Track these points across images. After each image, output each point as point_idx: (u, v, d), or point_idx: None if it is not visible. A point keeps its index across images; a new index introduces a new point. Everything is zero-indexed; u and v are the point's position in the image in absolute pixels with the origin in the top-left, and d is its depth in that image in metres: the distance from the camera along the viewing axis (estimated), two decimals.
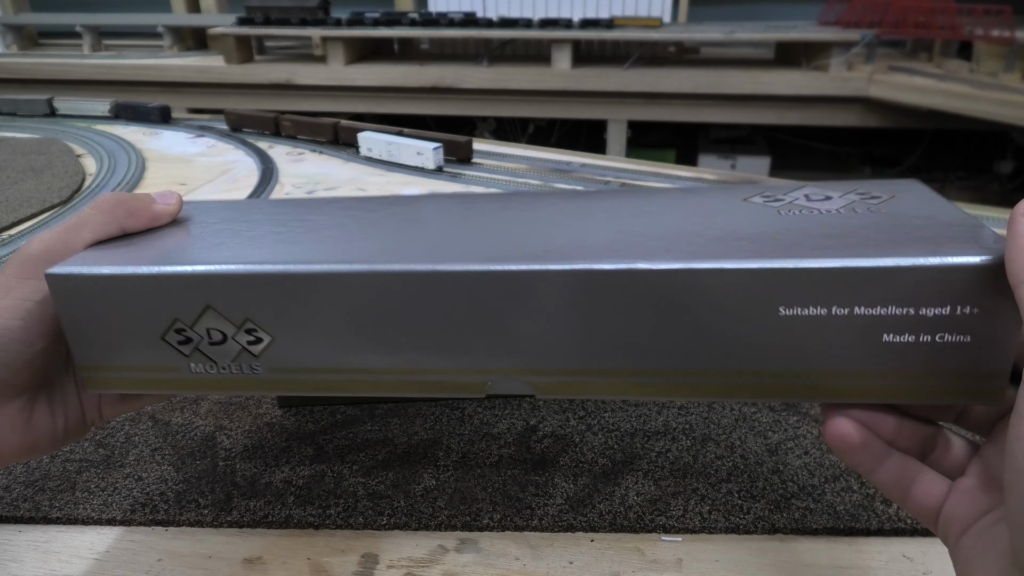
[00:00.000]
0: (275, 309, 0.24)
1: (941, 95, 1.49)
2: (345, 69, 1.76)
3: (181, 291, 0.25)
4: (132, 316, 0.25)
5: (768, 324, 0.22)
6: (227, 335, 0.25)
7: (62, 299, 0.25)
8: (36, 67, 1.91)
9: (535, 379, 0.25)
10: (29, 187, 0.81)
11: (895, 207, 0.25)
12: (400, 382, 0.26)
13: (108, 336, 0.26)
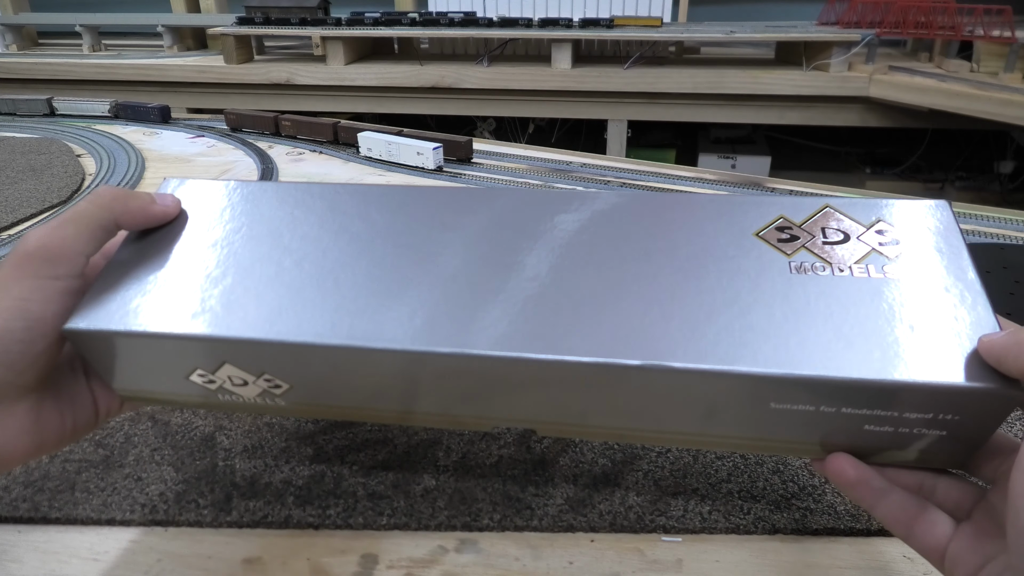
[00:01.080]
0: (289, 368, 0.26)
1: (941, 95, 1.49)
2: (345, 69, 1.76)
3: (197, 349, 0.26)
4: (155, 362, 0.27)
5: (759, 411, 0.24)
6: (248, 381, 0.27)
7: (82, 348, 0.27)
8: (36, 67, 1.90)
9: (538, 426, 0.27)
10: (29, 187, 0.81)
11: (906, 269, 0.25)
12: (404, 414, 0.28)
13: (136, 373, 0.27)
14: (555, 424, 0.27)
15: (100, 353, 0.27)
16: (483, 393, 0.26)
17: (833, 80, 1.61)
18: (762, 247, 0.26)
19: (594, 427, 0.27)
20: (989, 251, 0.57)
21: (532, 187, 0.83)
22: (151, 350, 0.26)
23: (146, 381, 0.28)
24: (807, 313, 0.24)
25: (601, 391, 0.25)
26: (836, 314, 0.24)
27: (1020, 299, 0.49)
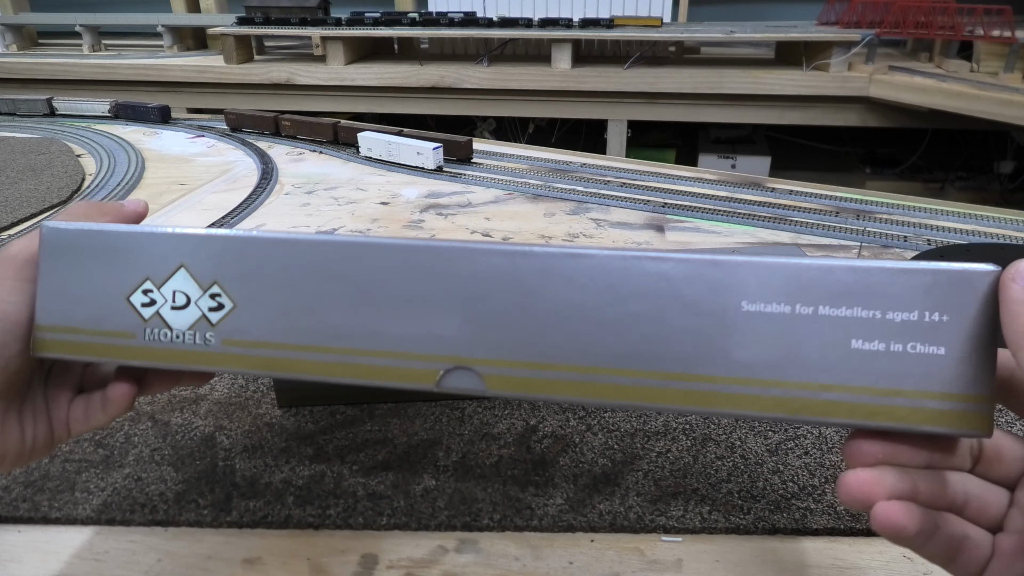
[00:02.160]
0: (243, 273, 0.26)
1: (941, 95, 1.49)
2: (345, 69, 1.76)
3: (161, 249, 0.26)
4: (107, 273, 0.26)
5: (730, 319, 0.22)
6: (191, 299, 0.26)
7: (50, 252, 0.26)
8: (36, 67, 1.90)
9: (487, 371, 0.24)
10: (29, 187, 0.80)
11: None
12: (349, 364, 0.25)
13: (77, 294, 0.27)
14: (505, 369, 0.24)
15: (61, 261, 0.26)
16: (430, 308, 0.24)
17: (833, 80, 1.61)
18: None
19: (545, 369, 0.23)
20: (989, 251, 0.57)
21: (532, 187, 0.83)
22: (114, 252, 0.26)
23: (82, 307, 0.26)
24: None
25: (559, 304, 0.23)
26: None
27: None
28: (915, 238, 0.68)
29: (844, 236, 0.68)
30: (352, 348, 0.25)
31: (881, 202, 0.78)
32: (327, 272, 0.25)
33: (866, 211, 0.75)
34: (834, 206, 0.76)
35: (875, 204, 0.77)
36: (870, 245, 0.66)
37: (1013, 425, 0.39)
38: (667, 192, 0.81)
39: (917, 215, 0.74)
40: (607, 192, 0.82)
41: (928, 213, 0.75)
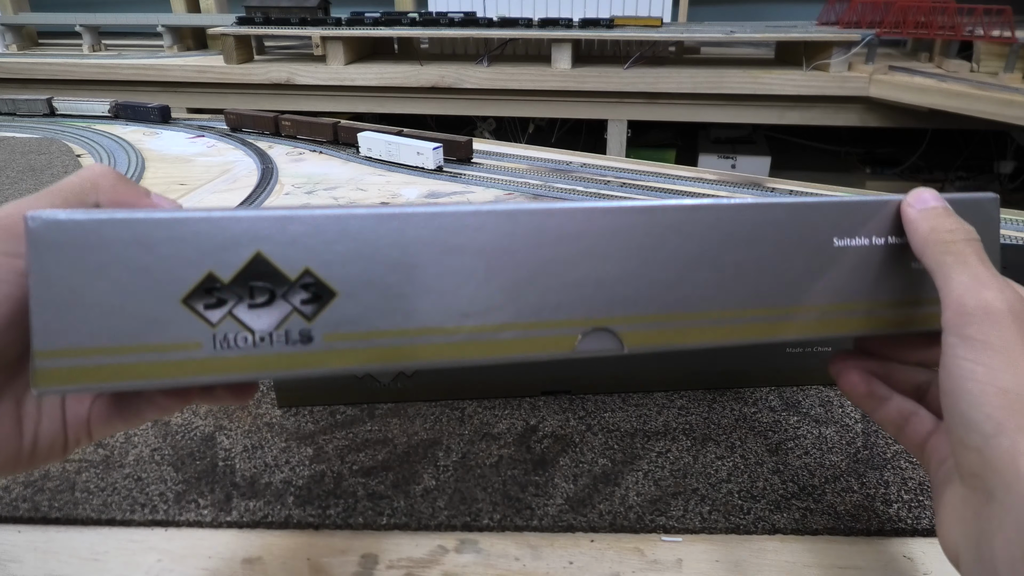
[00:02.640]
0: (346, 255, 0.21)
1: (941, 95, 1.49)
2: (345, 69, 1.76)
3: (227, 236, 0.20)
4: (146, 272, 0.20)
5: (824, 255, 0.25)
6: (276, 292, 0.21)
7: (42, 255, 0.19)
8: (36, 67, 1.90)
9: (623, 329, 0.24)
10: (29, 187, 0.81)
11: None
12: (480, 343, 0.23)
13: (99, 303, 0.20)
14: (641, 325, 0.24)
15: (61, 267, 0.20)
16: (559, 274, 0.23)
17: (833, 80, 1.61)
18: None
19: (677, 319, 0.24)
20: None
21: (531, 187, 0.83)
22: (151, 248, 0.20)
23: (101, 322, 0.20)
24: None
25: (680, 254, 0.24)
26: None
27: None
28: None
29: None
30: (481, 325, 0.22)
31: None
32: (447, 245, 0.22)
33: None
34: None
35: None
36: None
37: None
38: (667, 192, 0.81)
39: None
40: (607, 192, 0.82)
41: None
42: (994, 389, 0.20)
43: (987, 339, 0.21)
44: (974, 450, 0.21)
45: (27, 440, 0.23)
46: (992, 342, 0.21)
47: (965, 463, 0.22)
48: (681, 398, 0.41)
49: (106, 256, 0.20)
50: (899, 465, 0.36)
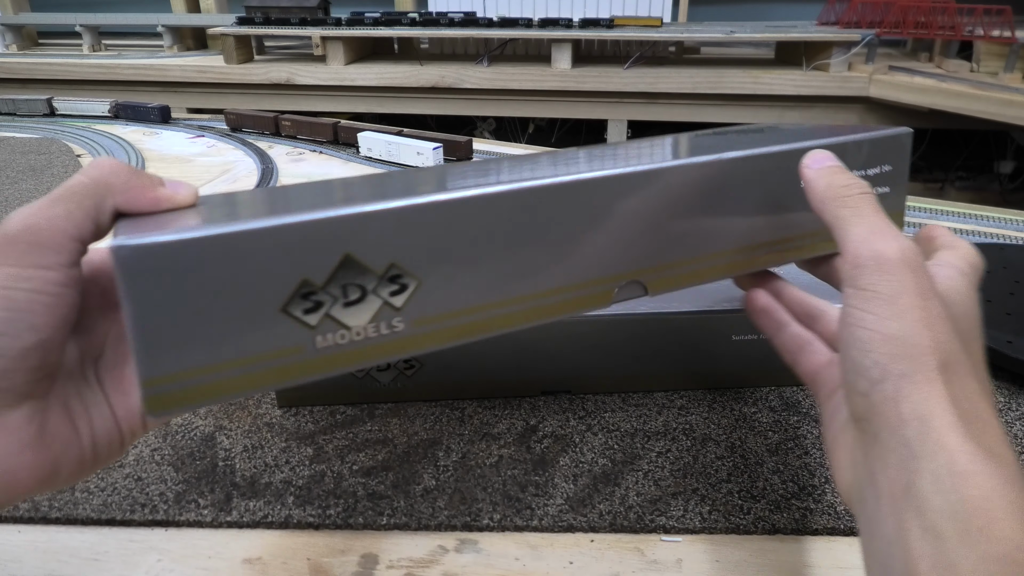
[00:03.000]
0: (423, 245, 0.22)
1: (941, 95, 1.49)
2: (345, 69, 1.76)
3: (316, 240, 0.21)
4: (243, 288, 0.20)
5: (789, 192, 0.29)
6: (366, 288, 0.22)
7: (134, 282, 0.19)
8: (36, 67, 1.91)
9: (649, 278, 0.27)
10: (29, 187, 0.81)
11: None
12: (536, 308, 0.25)
13: (199, 325, 0.20)
14: (664, 271, 0.28)
15: (158, 293, 0.20)
16: (607, 235, 0.26)
17: (833, 80, 1.61)
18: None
19: (690, 263, 0.28)
20: (989, 251, 0.57)
21: None
22: (245, 263, 0.20)
23: (214, 340, 0.20)
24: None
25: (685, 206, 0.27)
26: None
27: (1020, 299, 0.49)
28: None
29: None
30: (539, 291, 0.25)
31: None
32: (508, 223, 0.24)
33: None
34: None
35: None
36: None
37: (1013, 426, 0.39)
38: None
39: (917, 215, 0.74)
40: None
41: (928, 213, 0.75)
42: (880, 336, 0.21)
43: (878, 288, 0.22)
44: (862, 395, 0.22)
45: (86, 441, 0.23)
46: (882, 291, 0.22)
47: (855, 407, 0.22)
48: (681, 398, 0.41)
49: (200, 275, 0.20)
50: None
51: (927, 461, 0.20)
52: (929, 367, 0.21)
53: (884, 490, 0.21)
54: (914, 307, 0.21)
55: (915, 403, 0.20)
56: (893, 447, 0.21)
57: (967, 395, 0.21)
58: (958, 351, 0.22)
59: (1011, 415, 0.40)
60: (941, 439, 0.20)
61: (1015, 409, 0.41)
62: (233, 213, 0.23)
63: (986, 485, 0.19)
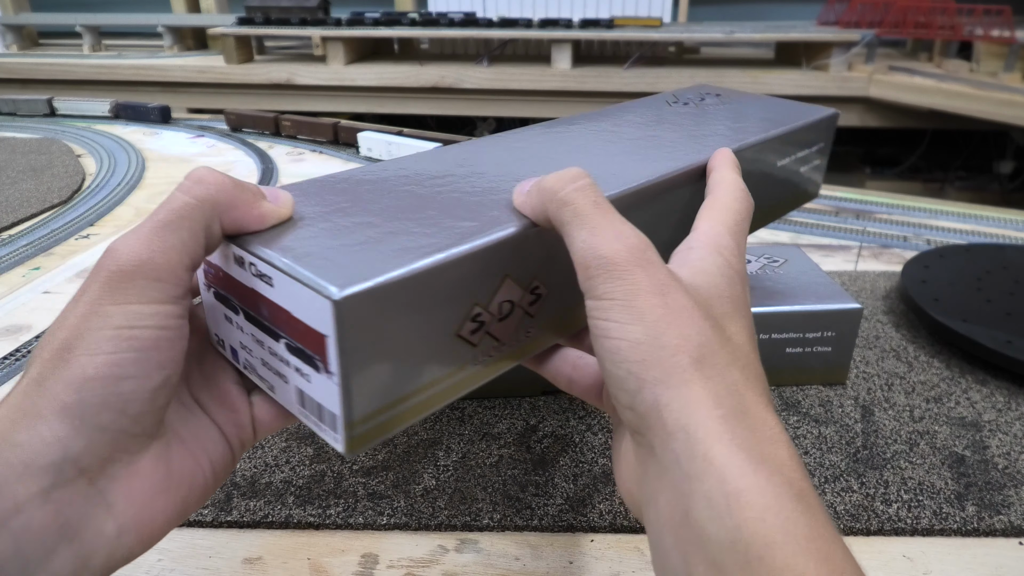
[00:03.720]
0: (555, 260, 0.24)
1: (941, 95, 1.49)
2: (345, 69, 1.76)
3: (483, 267, 0.22)
4: (427, 318, 0.21)
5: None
6: (514, 302, 0.24)
7: (350, 328, 0.19)
8: (36, 67, 1.91)
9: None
10: (29, 187, 0.81)
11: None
12: None
13: (393, 361, 0.21)
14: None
15: (371, 334, 0.20)
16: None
17: (833, 80, 1.61)
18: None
19: None
20: (989, 251, 0.57)
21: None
22: (434, 292, 0.21)
23: (397, 377, 0.21)
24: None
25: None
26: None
27: (1020, 299, 0.49)
28: (915, 238, 0.68)
29: (844, 236, 0.68)
30: None
31: (881, 202, 0.78)
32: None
33: (866, 211, 0.75)
34: (834, 206, 0.76)
35: (875, 204, 0.77)
36: (870, 245, 0.66)
37: (1012, 425, 0.39)
38: None
39: (917, 215, 0.74)
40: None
41: (928, 213, 0.75)
42: (627, 344, 0.20)
43: (612, 295, 0.20)
44: (627, 408, 0.20)
45: (207, 470, 0.23)
46: (616, 296, 0.20)
47: (627, 421, 0.21)
48: None
49: (398, 312, 0.20)
50: (899, 465, 0.36)
51: (698, 482, 0.18)
52: (682, 367, 0.19)
53: (666, 517, 0.19)
54: (652, 306, 0.20)
55: (676, 411, 0.19)
56: (667, 465, 0.19)
57: (729, 388, 0.19)
58: (712, 341, 0.20)
59: (1011, 415, 0.40)
60: (708, 452, 0.18)
61: (1015, 409, 0.41)
62: (364, 226, 0.22)
63: (759, 504, 0.17)
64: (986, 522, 0.33)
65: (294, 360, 0.21)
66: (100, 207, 0.77)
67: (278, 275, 0.20)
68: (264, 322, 0.22)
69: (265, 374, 0.23)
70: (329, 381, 0.20)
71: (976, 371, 0.45)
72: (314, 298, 0.19)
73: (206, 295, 0.24)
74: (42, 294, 0.57)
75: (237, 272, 0.22)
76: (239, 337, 0.23)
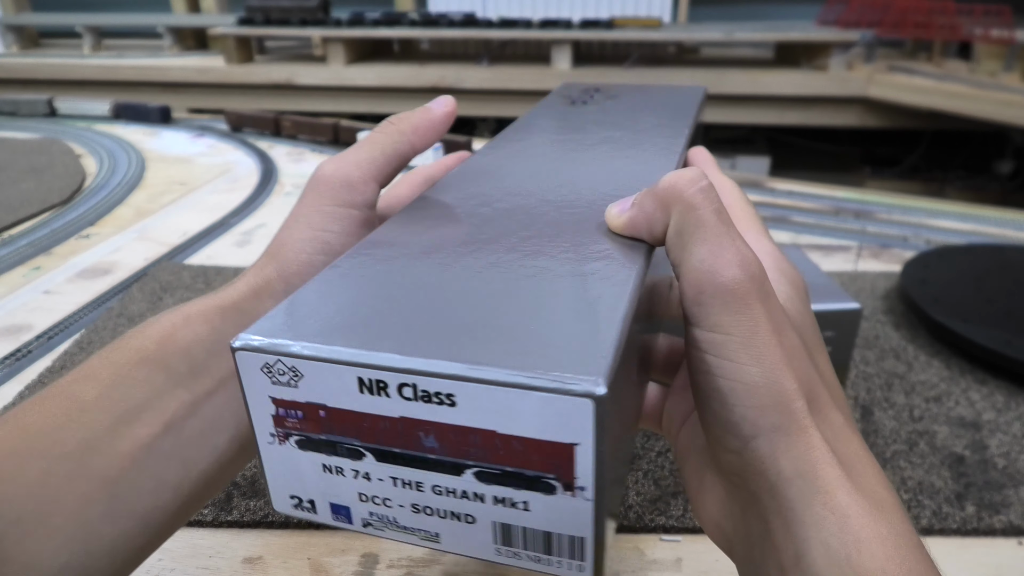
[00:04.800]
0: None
1: (940, 95, 1.49)
2: (345, 69, 1.76)
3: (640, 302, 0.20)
4: (632, 382, 0.19)
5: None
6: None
7: (607, 425, 0.15)
8: (36, 67, 1.91)
9: None
10: (29, 187, 0.81)
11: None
12: None
13: (617, 445, 0.18)
14: None
15: (610, 435, 0.16)
16: None
17: (832, 80, 1.61)
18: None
19: None
20: (989, 251, 0.57)
21: None
22: (633, 353, 0.19)
23: (620, 458, 0.20)
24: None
25: None
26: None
27: (1020, 299, 0.49)
28: (914, 238, 0.68)
29: (843, 236, 0.68)
30: None
31: (880, 202, 0.78)
32: None
33: (865, 211, 0.75)
34: (833, 206, 0.76)
35: (874, 204, 0.77)
36: (869, 245, 0.66)
37: (1012, 425, 0.39)
38: None
39: (916, 215, 0.74)
40: None
41: (927, 213, 0.75)
42: (743, 387, 0.18)
43: (729, 329, 0.18)
44: (733, 452, 0.19)
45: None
46: (735, 332, 0.18)
47: (725, 464, 0.19)
48: None
49: (622, 383, 0.18)
50: (898, 464, 0.36)
51: (815, 530, 0.17)
52: (801, 414, 0.18)
53: (771, 559, 0.18)
54: (771, 347, 0.18)
55: (793, 459, 0.18)
56: (776, 510, 0.18)
57: (836, 433, 0.19)
58: (816, 381, 0.19)
59: (1010, 415, 0.40)
60: (828, 501, 0.17)
61: (1014, 409, 0.41)
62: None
63: (880, 554, 0.17)
64: (985, 522, 0.33)
65: (494, 491, 0.17)
66: (100, 207, 0.77)
67: (473, 390, 0.15)
68: (430, 456, 0.17)
69: (419, 523, 0.18)
70: (574, 501, 0.17)
71: (976, 371, 0.45)
72: (555, 403, 0.15)
73: (274, 451, 0.18)
74: (42, 294, 0.57)
75: (368, 403, 0.16)
76: (358, 488, 0.18)
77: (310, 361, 0.16)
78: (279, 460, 0.18)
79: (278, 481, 0.19)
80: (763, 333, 0.18)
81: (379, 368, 0.15)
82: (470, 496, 0.17)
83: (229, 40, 1.80)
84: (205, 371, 0.22)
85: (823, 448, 0.18)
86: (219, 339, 0.22)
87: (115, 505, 0.19)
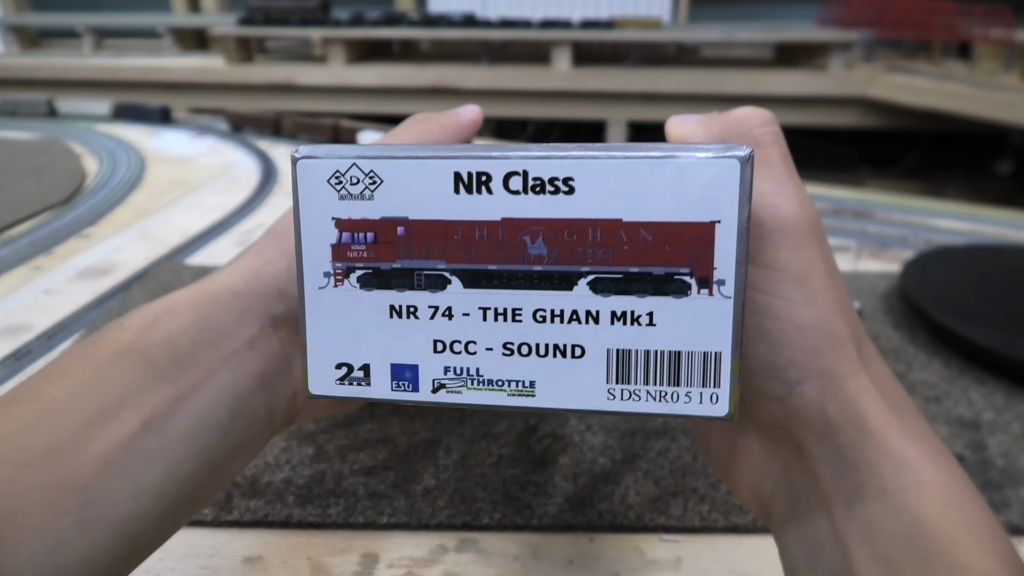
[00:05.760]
0: None
1: (940, 95, 1.49)
2: (345, 69, 1.76)
3: None
4: None
5: None
6: None
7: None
8: (36, 67, 1.91)
9: None
10: (29, 187, 0.81)
11: None
12: None
13: None
14: None
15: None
16: None
17: (832, 80, 1.61)
18: None
19: None
20: (988, 251, 0.57)
21: None
22: None
23: None
24: None
25: None
26: None
27: (1019, 299, 0.49)
28: (914, 238, 0.68)
29: (843, 236, 0.68)
30: None
31: (880, 202, 0.78)
32: None
33: (865, 211, 0.75)
34: (833, 206, 0.77)
35: (874, 204, 0.77)
36: (869, 245, 0.66)
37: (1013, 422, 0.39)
38: None
39: (916, 215, 0.74)
40: None
41: (927, 213, 0.75)
42: (794, 327, 0.17)
43: (785, 265, 0.17)
44: (776, 400, 0.18)
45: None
46: (791, 268, 0.17)
47: (766, 414, 0.18)
48: None
49: None
50: None
51: (870, 475, 0.16)
52: (851, 358, 0.17)
53: (819, 512, 0.17)
54: (826, 289, 0.17)
55: (843, 403, 0.17)
56: (824, 459, 0.17)
57: (885, 379, 0.18)
58: (862, 330, 0.18)
59: (1009, 415, 0.40)
60: (882, 445, 0.16)
61: (1013, 409, 0.41)
62: None
63: (939, 498, 0.16)
64: None
65: (613, 303, 0.14)
66: (100, 207, 0.77)
67: (598, 168, 0.13)
68: (536, 269, 0.14)
69: (511, 371, 0.16)
70: (711, 301, 0.14)
71: (975, 371, 0.45)
72: (695, 170, 0.13)
73: (325, 300, 0.15)
74: (42, 294, 0.57)
75: (464, 207, 0.14)
76: (434, 334, 0.15)
77: (396, 160, 0.14)
78: (329, 313, 0.15)
79: (323, 347, 0.16)
80: (818, 274, 0.17)
81: (485, 157, 0.13)
82: (581, 317, 0.14)
83: (229, 40, 1.80)
84: (191, 363, 0.20)
85: (873, 392, 0.17)
86: (207, 327, 0.20)
87: (87, 513, 0.17)
